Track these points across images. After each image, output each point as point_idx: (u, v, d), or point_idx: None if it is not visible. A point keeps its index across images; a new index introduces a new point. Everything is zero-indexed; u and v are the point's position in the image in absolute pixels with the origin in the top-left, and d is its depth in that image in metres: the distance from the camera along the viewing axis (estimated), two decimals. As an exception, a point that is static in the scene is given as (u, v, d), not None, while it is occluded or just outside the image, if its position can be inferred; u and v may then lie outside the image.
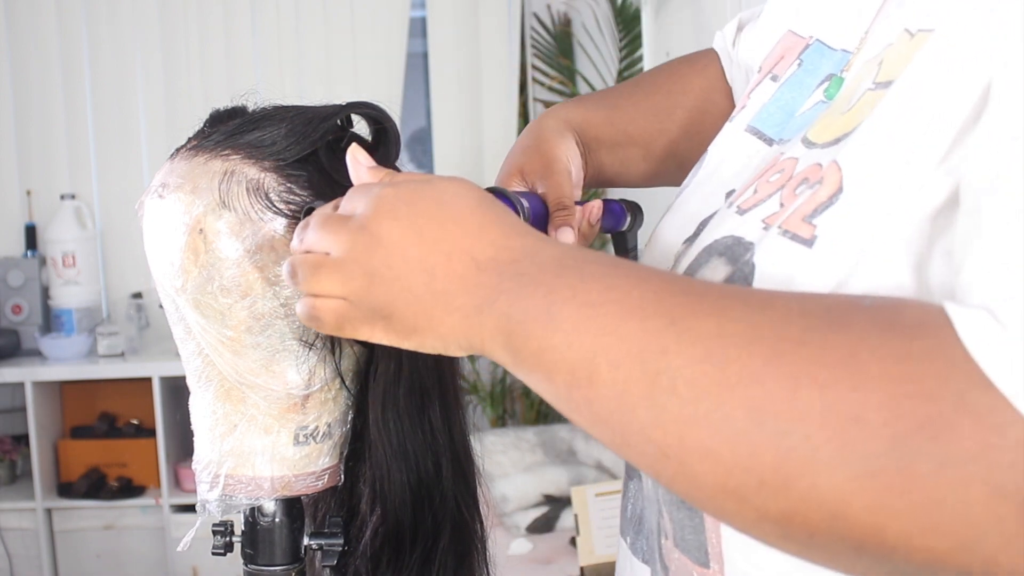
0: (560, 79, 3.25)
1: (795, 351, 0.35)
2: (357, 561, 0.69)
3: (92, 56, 3.16)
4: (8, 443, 3.06)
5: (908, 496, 0.33)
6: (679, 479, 0.38)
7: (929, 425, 0.32)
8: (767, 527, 0.37)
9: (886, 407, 0.33)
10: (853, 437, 0.33)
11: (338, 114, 0.65)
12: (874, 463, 0.33)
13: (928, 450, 0.32)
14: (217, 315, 0.64)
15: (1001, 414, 0.32)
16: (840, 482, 0.34)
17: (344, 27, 3.20)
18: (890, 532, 0.33)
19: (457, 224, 0.47)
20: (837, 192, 0.44)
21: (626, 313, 0.40)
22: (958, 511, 0.32)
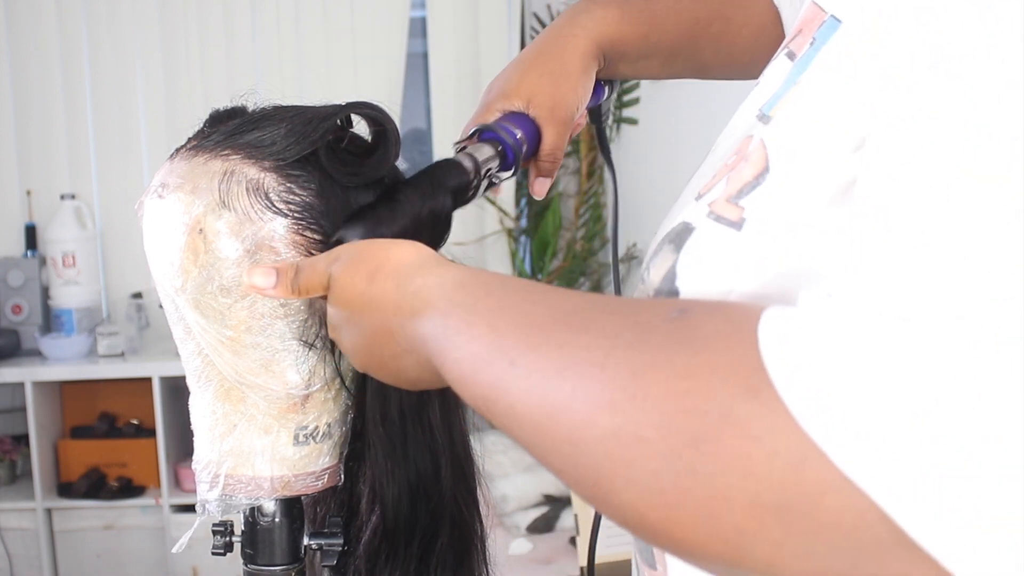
0: (560, 79, 3.25)
1: (597, 376, 0.37)
2: (357, 561, 0.69)
3: (92, 56, 3.16)
4: (8, 443, 3.06)
5: (686, 509, 0.34)
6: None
7: (697, 439, 0.33)
8: (632, 533, 0.40)
9: (663, 424, 0.34)
10: (638, 455, 0.35)
11: (338, 114, 0.65)
12: (656, 480, 0.34)
13: (696, 464, 0.33)
14: (217, 315, 0.64)
15: (761, 423, 0.32)
16: (634, 499, 0.35)
17: (344, 27, 3.20)
18: (684, 541, 0.35)
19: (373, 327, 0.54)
20: (763, 172, 0.43)
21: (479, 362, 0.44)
22: (727, 521, 0.33)
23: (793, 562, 0.33)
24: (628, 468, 0.35)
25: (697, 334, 0.36)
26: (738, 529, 0.33)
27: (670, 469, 0.34)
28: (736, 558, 0.34)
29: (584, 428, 0.37)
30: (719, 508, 0.33)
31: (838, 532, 0.32)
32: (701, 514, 0.34)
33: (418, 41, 3.35)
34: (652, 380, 0.35)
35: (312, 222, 0.63)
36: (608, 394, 0.36)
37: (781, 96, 0.50)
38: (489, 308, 0.45)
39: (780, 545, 0.33)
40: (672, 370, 0.35)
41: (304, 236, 0.63)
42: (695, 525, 0.34)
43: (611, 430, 0.36)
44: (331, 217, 0.64)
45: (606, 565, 1.81)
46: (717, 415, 0.33)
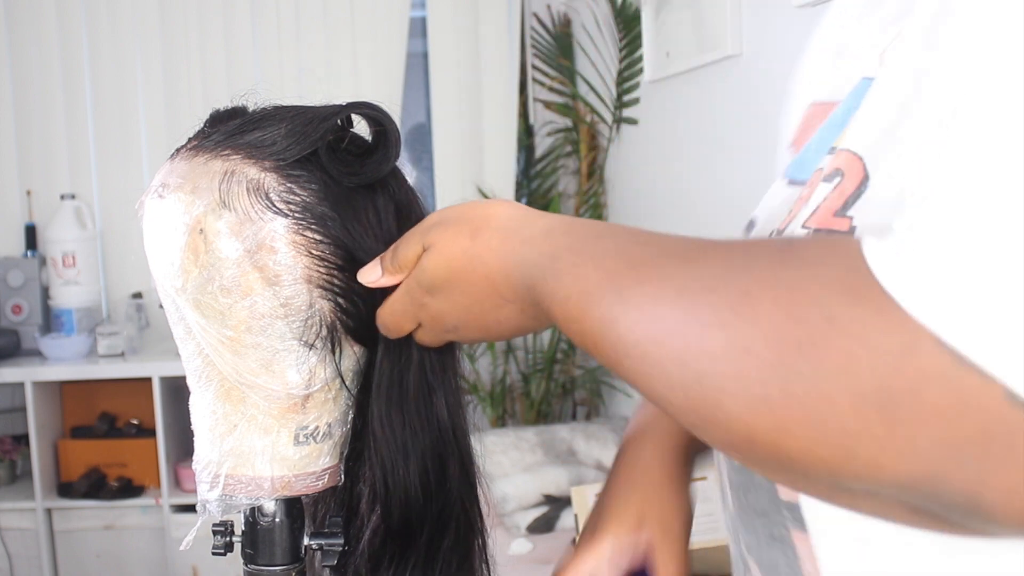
0: (560, 79, 3.25)
1: (707, 299, 0.39)
2: (357, 561, 0.69)
3: (92, 56, 3.16)
4: (8, 443, 3.06)
5: (793, 413, 0.36)
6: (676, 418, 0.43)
7: (802, 344, 0.35)
8: (731, 455, 0.42)
9: (769, 335, 0.36)
10: (747, 367, 0.37)
11: (338, 114, 0.65)
12: (764, 388, 0.36)
13: (802, 369, 0.35)
14: (217, 315, 0.64)
15: (864, 323, 0.34)
16: (743, 410, 0.37)
17: (344, 27, 3.20)
18: (791, 449, 0.36)
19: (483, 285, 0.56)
20: (864, 180, 0.44)
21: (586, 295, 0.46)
22: (833, 422, 0.35)
23: (897, 459, 0.34)
24: (736, 381, 0.37)
25: (804, 254, 0.38)
26: (843, 429, 0.34)
27: (776, 376, 0.36)
28: (842, 462, 0.35)
29: (693, 348, 0.39)
30: (824, 409, 0.34)
31: (943, 421, 0.33)
32: (807, 417, 0.35)
33: (418, 41, 3.35)
34: (760, 297, 0.37)
35: (313, 222, 0.63)
36: (718, 314, 0.38)
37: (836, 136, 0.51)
38: (597, 249, 0.48)
39: (884, 442, 0.34)
40: (779, 285, 0.37)
41: (304, 236, 0.63)
42: (801, 430, 0.35)
43: (720, 346, 0.37)
44: (332, 217, 0.64)
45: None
46: (820, 319, 0.35)
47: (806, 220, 0.47)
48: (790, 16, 1.85)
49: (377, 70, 3.20)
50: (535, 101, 3.33)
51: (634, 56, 2.81)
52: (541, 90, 3.32)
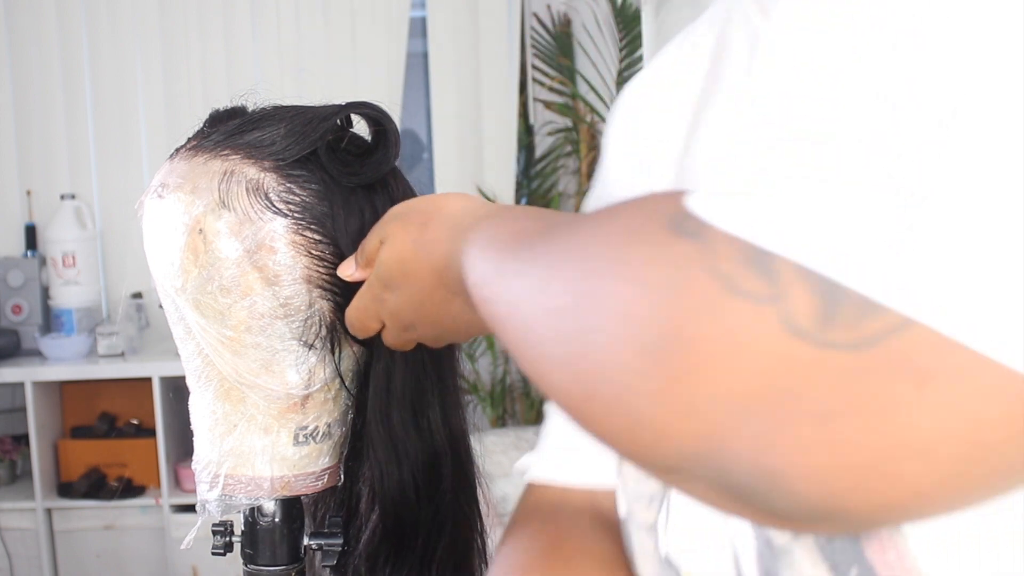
0: (560, 79, 3.25)
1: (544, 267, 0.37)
2: (356, 561, 0.69)
3: (92, 56, 3.16)
4: (8, 443, 3.06)
5: (592, 377, 0.31)
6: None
7: (593, 296, 0.32)
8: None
9: (571, 291, 0.33)
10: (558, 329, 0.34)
11: (338, 114, 0.65)
12: (568, 351, 0.33)
13: (593, 323, 0.31)
14: (217, 315, 0.64)
15: (643, 263, 0.30)
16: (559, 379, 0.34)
17: (344, 27, 3.20)
18: (596, 420, 0.32)
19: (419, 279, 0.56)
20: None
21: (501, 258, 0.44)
22: (618, 381, 0.30)
23: (680, 423, 0.29)
24: (552, 346, 0.34)
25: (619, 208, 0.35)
26: (627, 389, 0.30)
27: (577, 336, 0.32)
28: (634, 430, 0.30)
29: (537, 319, 0.35)
30: (611, 368, 0.30)
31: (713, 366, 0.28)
32: (600, 378, 0.31)
33: (418, 41, 3.35)
34: (569, 255, 0.35)
35: (312, 222, 0.63)
36: (546, 282, 0.36)
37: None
38: (504, 232, 0.46)
39: (663, 400, 0.29)
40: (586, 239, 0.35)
41: (304, 236, 0.63)
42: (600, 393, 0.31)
43: (541, 314, 0.35)
44: (331, 217, 0.64)
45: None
46: (608, 264, 0.32)
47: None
48: (790, 16, 1.85)
49: (377, 70, 3.20)
50: (535, 101, 3.33)
51: (634, 56, 2.81)
52: (541, 90, 3.31)
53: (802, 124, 0.28)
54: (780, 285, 0.27)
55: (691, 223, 0.29)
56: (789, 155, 0.28)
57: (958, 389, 0.25)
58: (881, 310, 0.26)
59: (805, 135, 0.28)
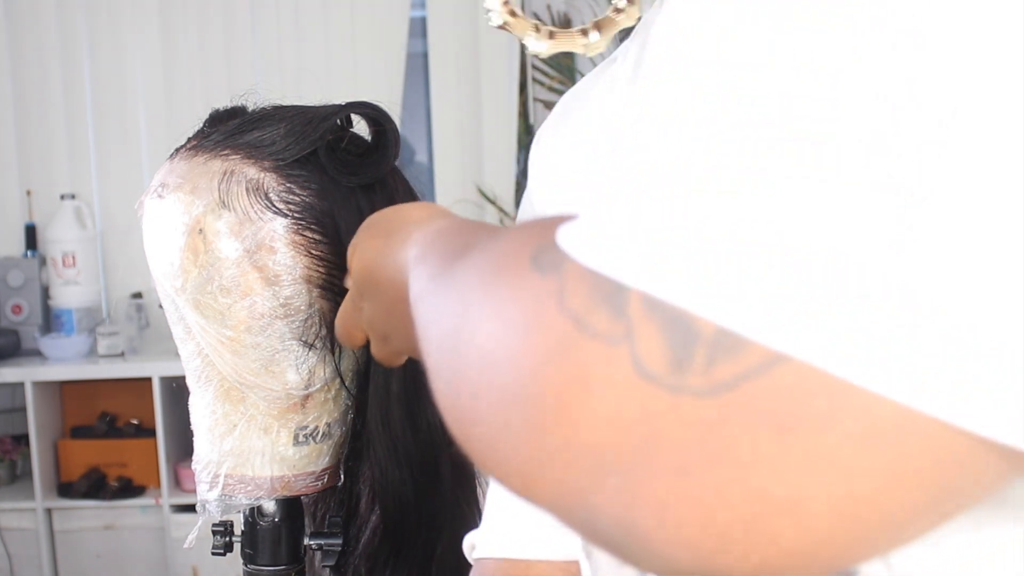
0: (560, 79, 3.25)
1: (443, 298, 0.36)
2: (357, 561, 0.69)
3: (92, 56, 3.16)
4: (8, 443, 3.06)
5: (463, 418, 0.31)
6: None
7: (458, 333, 0.30)
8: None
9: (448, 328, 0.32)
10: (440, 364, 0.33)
11: (338, 114, 0.65)
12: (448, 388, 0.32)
13: (455, 364, 0.30)
14: (217, 315, 0.64)
15: (500, 304, 0.29)
16: (446, 413, 0.33)
17: (344, 27, 3.20)
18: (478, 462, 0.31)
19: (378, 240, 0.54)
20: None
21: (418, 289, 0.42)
22: (483, 426, 0.29)
23: (541, 472, 0.27)
24: (436, 380, 0.33)
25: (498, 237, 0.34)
26: (491, 433, 0.28)
27: (450, 376, 0.31)
28: (505, 475, 0.29)
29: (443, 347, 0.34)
30: (473, 411, 0.29)
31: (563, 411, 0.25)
32: (466, 420, 0.30)
33: (418, 41, 3.35)
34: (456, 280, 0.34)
35: (312, 222, 0.63)
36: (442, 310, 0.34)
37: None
38: (436, 248, 0.44)
39: (520, 445, 0.27)
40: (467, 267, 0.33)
41: (304, 236, 0.63)
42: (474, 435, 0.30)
43: (435, 345, 0.34)
44: (331, 217, 0.64)
45: (606, 565, 1.80)
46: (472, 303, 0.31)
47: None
48: (790, 16, 1.85)
49: (377, 70, 3.20)
50: (535, 101, 3.33)
51: (634, 56, 2.80)
52: (541, 90, 3.31)
53: (801, 124, 0.27)
54: (629, 322, 0.24)
55: (550, 255, 0.27)
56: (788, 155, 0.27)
57: (830, 436, 0.23)
58: (743, 347, 0.23)
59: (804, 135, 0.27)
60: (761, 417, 0.23)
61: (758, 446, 0.23)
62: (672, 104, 0.27)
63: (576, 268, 0.26)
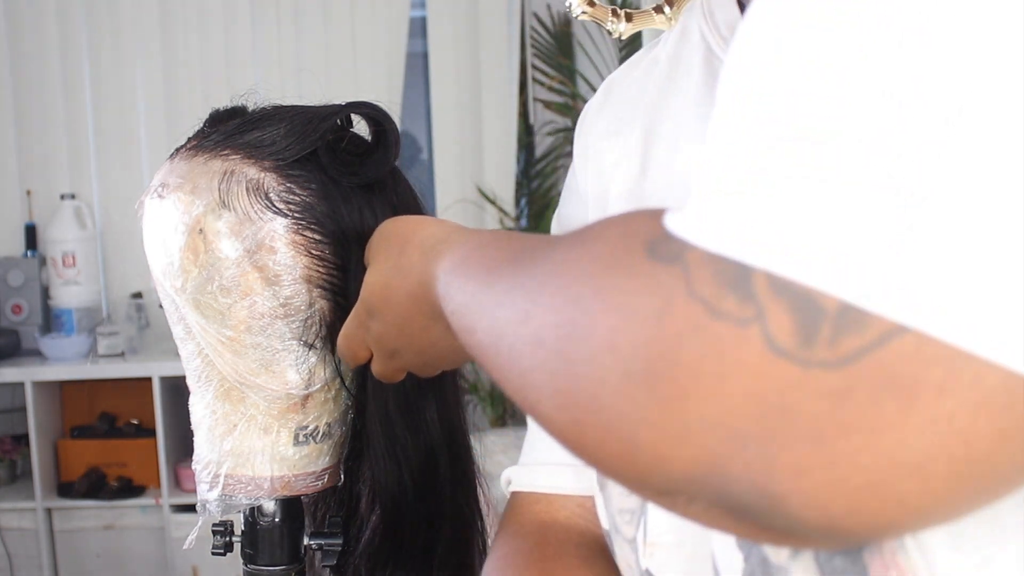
0: (560, 79, 3.25)
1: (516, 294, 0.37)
2: (357, 561, 0.69)
3: (92, 56, 3.16)
4: (8, 443, 3.06)
5: (580, 404, 0.31)
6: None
7: (576, 325, 0.32)
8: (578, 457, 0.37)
9: (552, 321, 0.33)
10: (540, 359, 0.33)
11: (338, 114, 0.65)
12: (555, 380, 0.33)
13: (579, 352, 0.31)
14: (217, 315, 0.64)
15: (624, 291, 0.30)
16: (548, 406, 0.33)
17: (344, 27, 3.20)
18: (589, 447, 0.32)
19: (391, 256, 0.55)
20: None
21: (477, 288, 0.43)
22: (610, 408, 0.30)
23: (677, 448, 0.29)
24: (536, 374, 0.33)
25: (589, 232, 0.35)
26: (620, 415, 0.30)
27: (562, 365, 0.32)
28: (631, 456, 0.30)
29: (514, 346, 0.35)
30: (600, 395, 0.30)
31: (704, 389, 0.27)
32: (590, 407, 0.31)
33: (418, 41, 3.35)
34: (546, 282, 0.34)
35: (312, 222, 0.63)
36: (521, 307, 0.35)
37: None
38: (475, 259, 0.46)
39: (658, 425, 0.29)
40: (561, 267, 0.34)
41: (304, 236, 0.63)
42: (590, 421, 0.31)
43: (524, 341, 0.34)
44: (331, 217, 0.64)
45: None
46: (590, 294, 0.32)
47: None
48: (790, 16, 1.85)
49: (377, 70, 3.20)
50: (535, 101, 3.33)
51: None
52: (541, 90, 3.32)
53: (806, 122, 0.27)
54: (759, 304, 0.27)
55: (669, 247, 0.29)
56: (789, 154, 0.28)
57: (948, 402, 0.25)
58: (866, 320, 0.25)
59: (807, 134, 0.27)
60: (885, 386, 0.25)
61: (884, 414, 0.25)
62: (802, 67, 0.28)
63: (699, 255, 0.28)
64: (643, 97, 0.58)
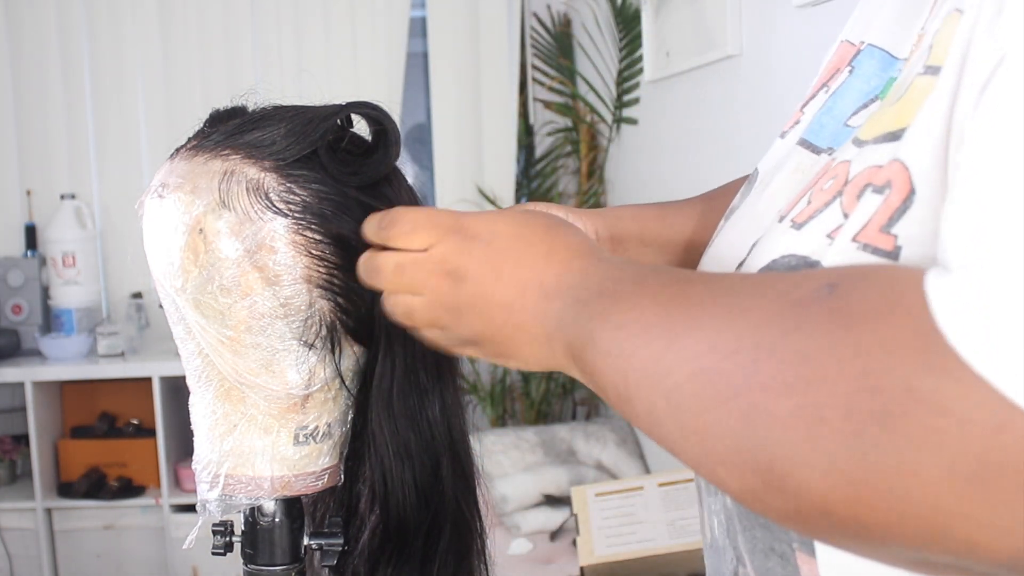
0: (560, 79, 3.25)
1: (767, 359, 0.38)
2: (356, 561, 0.69)
3: (92, 56, 3.16)
4: (8, 443, 3.06)
5: (876, 487, 0.34)
6: (716, 482, 0.41)
7: (881, 415, 0.33)
8: (791, 525, 0.40)
9: (842, 404, 0.34)
10: (819, 435, 0.35)
11: (338, 114, 0.65)
12: (840, 458, 0.34)
13: (883, 441, 0.33)
14: (217, 315, 0.64)
15: (947, 393, 0.32)
16: (817, 479, 0.35)
17: (344, 27, 3.20)
18: (871, 523, 0.35)
19: (527, 256, 0.53)
20: (910, 195, 0.42)
21: (642, 333, 0.44)
22: (920, 497, 0.33)
23: (997, 538, 0.32)
24: (808, 449, 0.35)
25: (856, 310, 0.36)
26: (934, 506, 0.33)
27: (854, 447, 0.34)
28: (931, 539, 0.33)
29: (759, 411, 0.37)
30: (911, 485, 0.33)
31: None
32: (890, 490, 0.33)
33: (418, 41, 3.35)
34: (824, 363, 0.35)
35: (312, 222, 0.63)
36: (782, 378, 0.36)
37: (853, 113, 0.51)
38: (651, 283, 0.46)
39: (980, 519, 0.32)
40: (842, 351, 0.35)
41: (304, 236, 0.63)
42: (885, 504, 0.34)
43: (787, 412, 0.36)
44: (331, 217, 0.64)
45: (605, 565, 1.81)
46: (900, 390, 0.33)
47: (856, 234, 0.45)
48: (790, 16, 1.85)
49: (377, 70, 3.20)
50: (535, 101, 3.33)
51: (634, 56, 2.81)
52: (541, 90, 3.32)
53: None
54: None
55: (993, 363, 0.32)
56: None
57: None
58: None
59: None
60: None
61: None
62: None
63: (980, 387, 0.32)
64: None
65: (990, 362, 0.31)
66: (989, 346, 0.32)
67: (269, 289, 0.63)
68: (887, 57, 0.54)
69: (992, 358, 0.32)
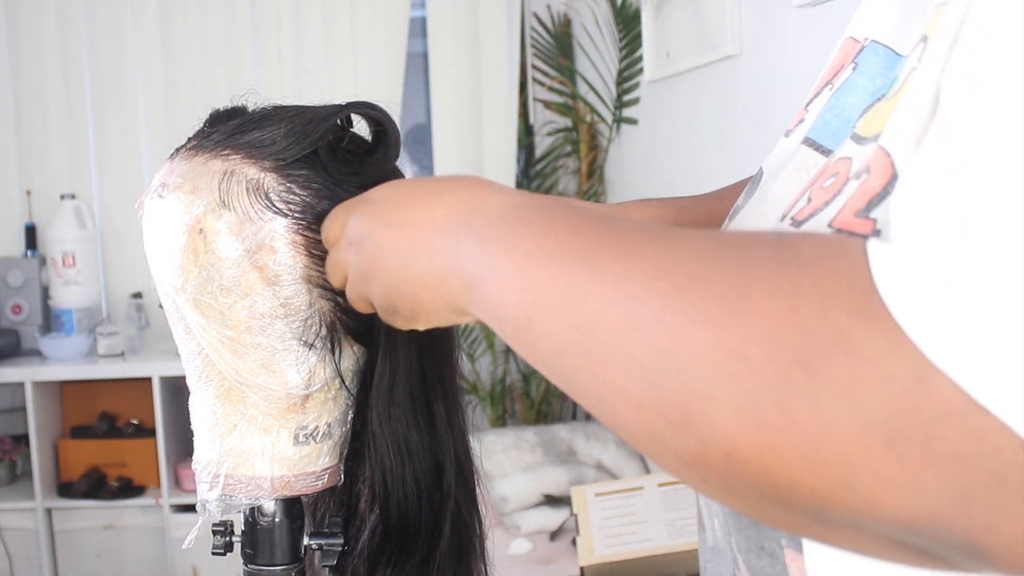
0: (560, 79, 3.25)
1: (693, 288, 0.35)
2: (356, 561, 0.69)
3: (92, 56, 3.16)
4: (8, 443, 3.06)
5: (786, 432, 0.32)
6: (614, 423, 0.39)
7: (806, 359, 0.32)
8: (688, 472, 0.37)
9: (767, 342, 0.33)
10: (738, 372, 0.33)
11: (338, 114, 0.65)
12: (756, 399, 0.33)
13: (804, 385, 0.32)
14: (217, 315, 0.64)
15: (874, 345, 0.31)
16: (729, 418, 0.33)
17: (344, 27, 3.21)
18: (776, 471, 0.33)
19: (417, 201, 0.52)
20: (891, 179, 0.41)
21: (555, 261, 0.41)
22: (831, 447, 0.32)
23: (899, 497, 0.31)
24: (723, 385, 0.33)
25: (802, 255, 0.34)
26: (842, 458, 0.31)
27: (773, 389, 0.32)
28: (834, 493, 0.32)
29: (674, 341, 0.35)
30: (824, 434, 0.32)
31: (954, 462, 0.30)
32: (802, 440, 0.32)
33: (418, 41, 3.35)
34: (756, 297, 0.34)
35: (312, 222, 0.63)
36: (706, 308, 0.34)
37: (861, 115, 0.50)
38: (568, 215, 0.43)
39: (887, 478, 0.31)
40: (778, 288, 0.33)
41: (304, 236, 0.63)
42: (793, 452, 0.32)
43: (708, 345, 0.34)
44: (331, 217, 0.64)
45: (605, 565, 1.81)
46: (827, 335, 0.32)
47: (832, 219, 0.44)
48: (790, 16, 1.85)
49: (377, 70, 3.20)
50: (535, 101, 3.33)
51: (634, 56, 2.81)
52: (541, 90, 3.32)
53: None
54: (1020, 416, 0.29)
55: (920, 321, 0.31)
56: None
57: None
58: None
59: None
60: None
61: None
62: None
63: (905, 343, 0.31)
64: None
65: (915, 320, 0.31)
66: (916, 304, 0.31)
67: (269, 289, 0.63)
68: (891, 54, 0.54)
69: (918, 316, 0.31)
